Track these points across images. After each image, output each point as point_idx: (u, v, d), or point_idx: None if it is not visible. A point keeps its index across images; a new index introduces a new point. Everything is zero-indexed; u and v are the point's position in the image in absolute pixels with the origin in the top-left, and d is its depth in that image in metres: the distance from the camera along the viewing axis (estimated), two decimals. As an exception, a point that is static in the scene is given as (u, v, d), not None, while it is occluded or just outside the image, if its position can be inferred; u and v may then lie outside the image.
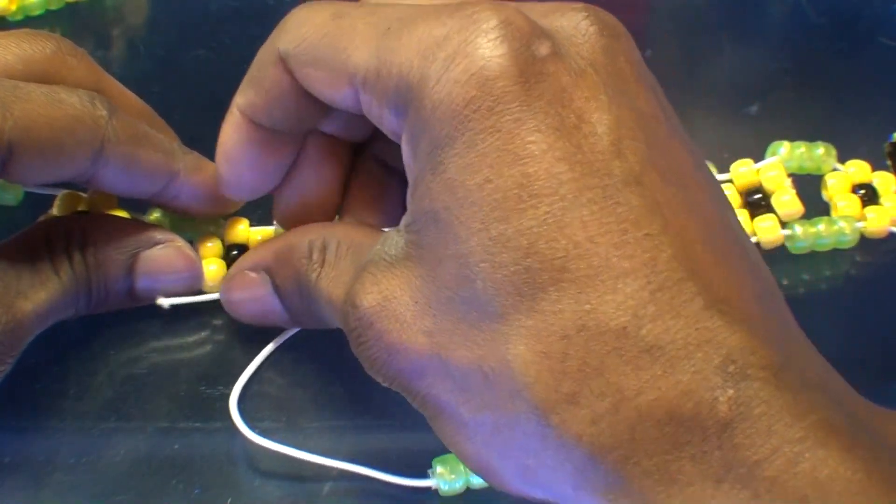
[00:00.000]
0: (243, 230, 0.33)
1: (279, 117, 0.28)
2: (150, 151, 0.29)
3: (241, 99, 0.28)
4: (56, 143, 0.27)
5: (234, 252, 0.33)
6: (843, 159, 0.35)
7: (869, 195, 0.35)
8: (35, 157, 0.26)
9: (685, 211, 0.22)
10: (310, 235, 0.28)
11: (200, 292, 0.31)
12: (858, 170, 0.35)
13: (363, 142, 0.31)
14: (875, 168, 0.36)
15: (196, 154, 0.31)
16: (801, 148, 0.35)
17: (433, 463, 0.28)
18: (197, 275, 0.31)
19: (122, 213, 0.32)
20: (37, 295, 0.27)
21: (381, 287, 0.24)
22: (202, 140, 0.37)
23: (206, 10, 0.43)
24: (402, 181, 0.26)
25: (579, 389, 0.21)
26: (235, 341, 0.31)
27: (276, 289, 0.29)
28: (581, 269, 0.21)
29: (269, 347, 0.31)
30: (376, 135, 0.30)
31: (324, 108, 0.28)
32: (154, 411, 0.30)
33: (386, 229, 0.27)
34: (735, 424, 0.20)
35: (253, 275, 0.29)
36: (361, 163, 0.31)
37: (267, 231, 0.33)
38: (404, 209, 0.24)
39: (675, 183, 0.22)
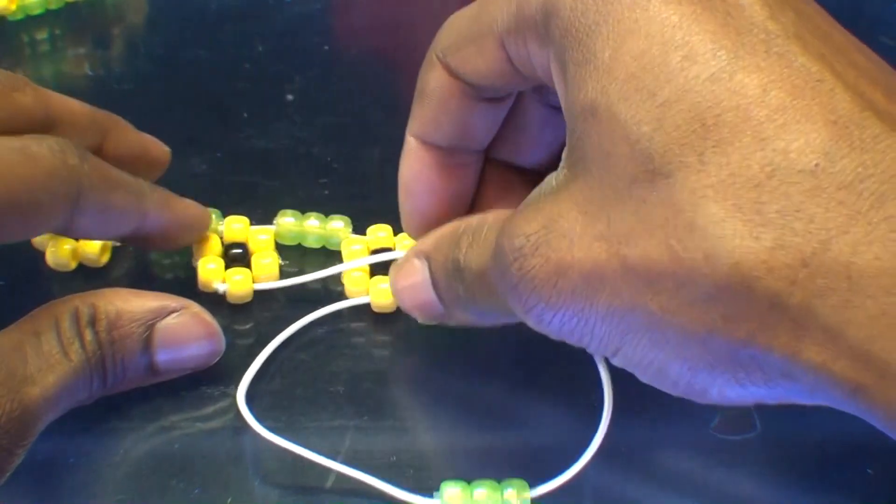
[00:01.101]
0: (242, 229, 0.33)
1: (448, 125, 0.28)
2: (122, 194, 0.29)
3: (413, 122, 0.28)
4: (34, 202, 0.26)
5: (234, 250, 0.33)
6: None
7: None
8: (13, 219, 0.26)
9: (848, 64, 0.22)
10: (465, 221, 0.27)
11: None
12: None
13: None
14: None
15: (162, 189, 0.31)
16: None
17: (441, 486, 0.28)
18: (219, 340, 0.30)
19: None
20: (44, 379, 0.25)
21: (543, 213, 0.23)
22: (202, 139, 0.37)
23: (205, 10, 0.43)
24: (535, 179, 0.26)
25: (782, 235, 0.20)
26: (236, 341, 0.31)
27: (432, 277, 0.28)
28: (760, 116, 0.20)
29: (273, 345, 0.31)
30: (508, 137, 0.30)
31: (488, 107, 0.28)
32: (154, 411, 0.30)
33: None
34: None
35: (416, 262, 0.28)
36: (490, 169, 0.30)
37: (267, 230, 0.33)
38: None
39: (832, 44, 0.22)
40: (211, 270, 0.32)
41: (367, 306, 0.32)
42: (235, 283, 0.32)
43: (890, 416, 0.20)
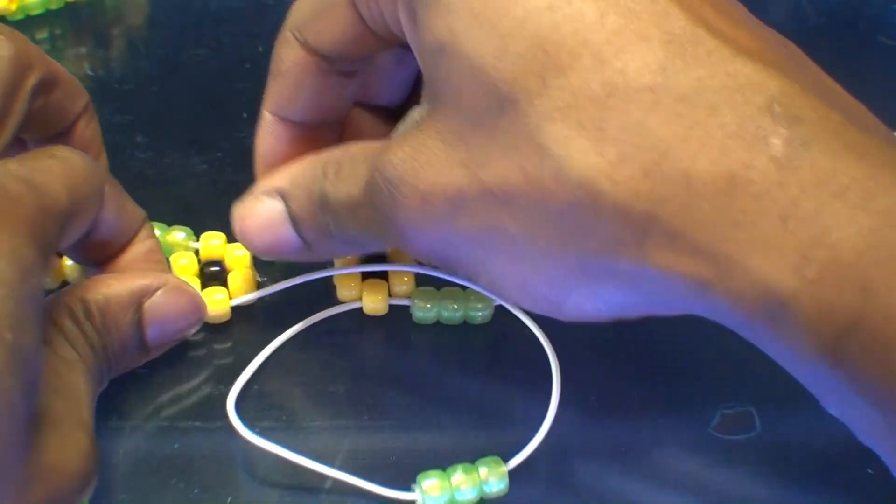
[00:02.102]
0: (219, 245, 0.33)
1: (305, 102, 0.28)
2: (128, 200, 0.29)
3: (268, 99, 0.29)
4: (90, 203, 0.26)
5: (211, 269, 0.32)
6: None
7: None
8: (81, 219, 0.26)
9: None
10: (326, 155, 0.27)
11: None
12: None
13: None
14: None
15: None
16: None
17: (417, 478, 0.28)
18: (203, 308, 0.29)
19: None
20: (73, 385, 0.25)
21: (409, 144, 0.24)
22: (202, 139, 0.37)
23: (206, 10, 0.43)
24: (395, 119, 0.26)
25: (624, 149, 0.21)
26: (236, 341, 0.31)
27: (291, 215, 0.28)
28: (598, 40, 0.21)
29: (270, 348, 0.31)
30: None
31: (343, 81, 0.28)
32: (154, 411, 0.30)
33: None
34: (796, 163, 0.20)
35: (268, 200, 0.28)
36: (351, 114, 0.30)
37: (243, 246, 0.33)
38: None
39: None
40: None
41: (359, 310, 0.32)
42: (214, 303, 0.31)
43: (734, 306, 0.21)
